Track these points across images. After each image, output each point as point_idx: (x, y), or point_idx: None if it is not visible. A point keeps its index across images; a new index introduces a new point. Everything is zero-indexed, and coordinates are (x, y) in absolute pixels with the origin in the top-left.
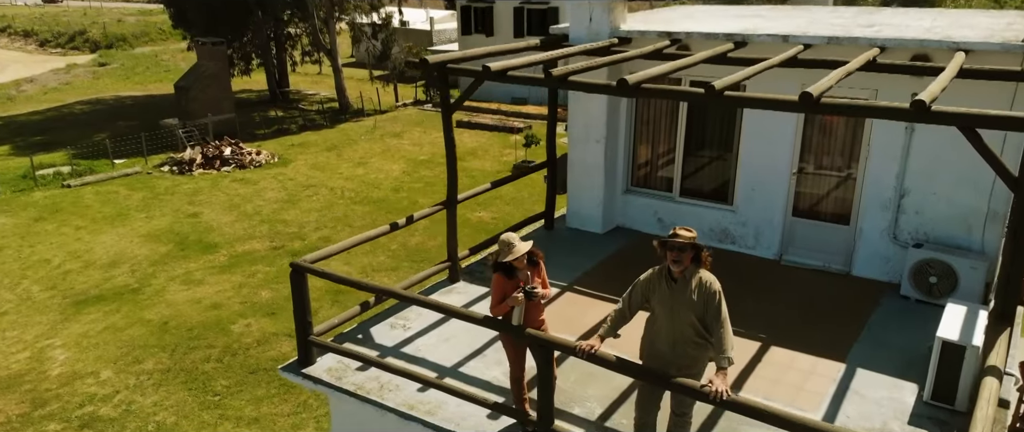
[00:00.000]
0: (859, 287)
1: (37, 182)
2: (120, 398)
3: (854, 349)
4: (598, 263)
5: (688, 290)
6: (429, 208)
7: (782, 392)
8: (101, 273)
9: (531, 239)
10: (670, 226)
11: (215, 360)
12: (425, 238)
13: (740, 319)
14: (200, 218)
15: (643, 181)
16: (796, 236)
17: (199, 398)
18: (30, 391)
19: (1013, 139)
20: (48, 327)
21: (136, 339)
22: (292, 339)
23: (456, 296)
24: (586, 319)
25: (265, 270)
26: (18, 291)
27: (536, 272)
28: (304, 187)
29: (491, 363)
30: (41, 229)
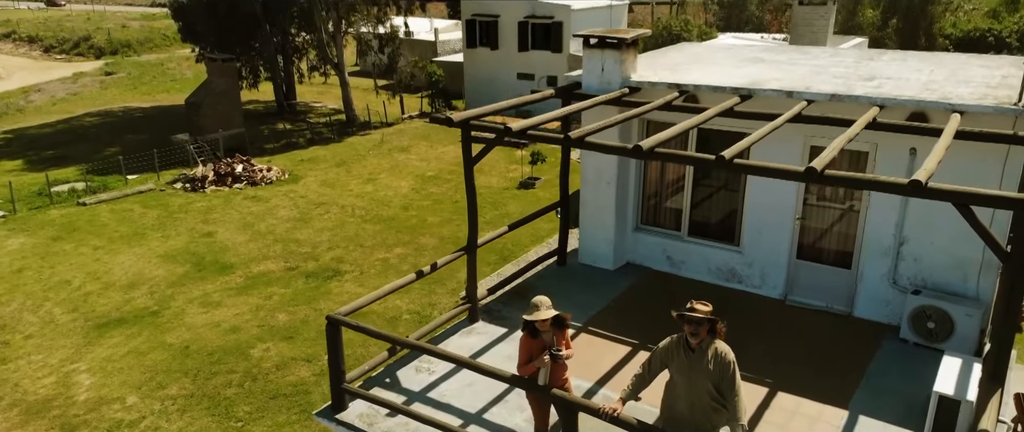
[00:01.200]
0: (860, 329)
1: (53, 199)
2: (146, 424)
3: (856, 395)
4: (610, 302)
5: (705, 360)
6: (451, 255)
7: None
8: (121, 295)
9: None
10: (679, 264)
11: (236, 385)
12: (435, 259)
13: (749, 363)
14: (215, 237)
15: (652, 220)
16: (800, 278)
17: (222, 424)
18: (59, 417)
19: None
20: (72, 351)
21: (159, 364)
22: (310, 364)
23: (476, 337)
24: (602, 362)
25: (281, 292)
26: (41, 314)
27: (561, 334)
28: (315, 205)
29: (514, 409)
30: (60, 249)
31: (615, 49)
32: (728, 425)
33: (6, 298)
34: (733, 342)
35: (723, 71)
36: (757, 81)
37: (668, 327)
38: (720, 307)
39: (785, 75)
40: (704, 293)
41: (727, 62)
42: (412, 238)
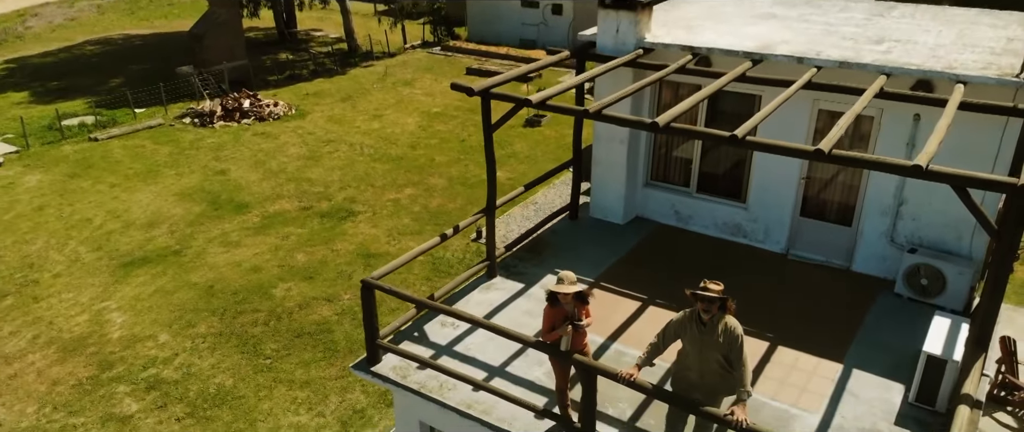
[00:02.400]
0: (857, 283)
1: (63, 134)
2: (180, 361)
3: (851, 350)
4: (620, 258)
5: (715, 333)
6: (471, 217)
7: (787, 394)
8: (142, 234)
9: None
10: (687, 219)
11: (262, 324)
12: (445, 200)
13: (751, 318)
14: (228, 176)
15: (662, 176)
16: (802, 234)
17: (252, 361)
18: (95, 354)
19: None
20: (101, 289)
21: (186, 303)
22: (331, 303)
23: (495, 293)
24: (614, 317)
25: (297, 232)
26: (66, 252)
27: (582, 306)
28: (324, 142)
29: (533, 363)
30: (77, 187)
31: (630, 10)
32: (735, 392)
33: (30, 236)
34: (736, 294)
35: (735, 30)
36: (768, 44)
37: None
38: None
39: (796, 37)
40: (709, 246)
41: (740, 18)
42: (421, 178)
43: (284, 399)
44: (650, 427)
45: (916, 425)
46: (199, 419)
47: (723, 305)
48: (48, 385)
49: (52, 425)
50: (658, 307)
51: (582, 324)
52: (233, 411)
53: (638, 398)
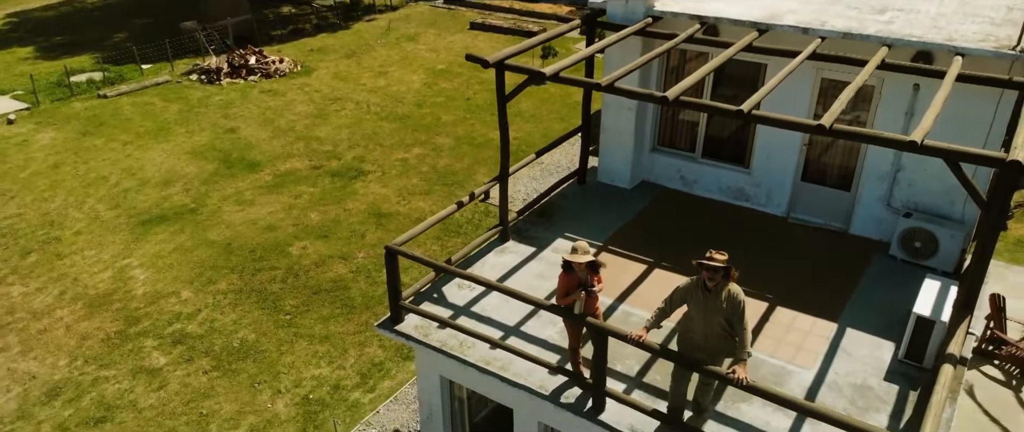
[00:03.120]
0: (854, 245)
1: (73, 91)
2: (203, 316)
3: (846, 310)
4: (627, 222)
5: (719, 299)
6: (486, 184)
7: (785, 351)
8: (157, 192)
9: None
10: (692, 183)
11: (280, 281)
12: (452, 161)
13: (751, 279)
14: (238, 134)
15: (668, 142)
16: (803, 198)
17: (272, 317)
18: (121, 310)
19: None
20: (122, 247)
21: (205, 260)
22: (346, 261)
23: (508, 256)
24: (622, 280)
25: (309, 191)
26: (85, 210)
27: (595, 274)
28: (331, 100)
29: (546, 323)
30: (90, 144)
31: None
32: (734, 353)
33: (49, 194)
34: (737, 256)
35: None
36: (775, 13)
37: (681, 246)
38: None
39: (802, 5)
40: (713, 210)
41: None
42: (428, 138)
43: (305, 353)
44: (656, 382)
45: (904, 381)
46: (225, 372)
47: (727, 273)
48: (77, 339)
49: (85, 377)
50: (663, 270)
51: (594, 290)
52: (257, 364)
53: (644, 356)
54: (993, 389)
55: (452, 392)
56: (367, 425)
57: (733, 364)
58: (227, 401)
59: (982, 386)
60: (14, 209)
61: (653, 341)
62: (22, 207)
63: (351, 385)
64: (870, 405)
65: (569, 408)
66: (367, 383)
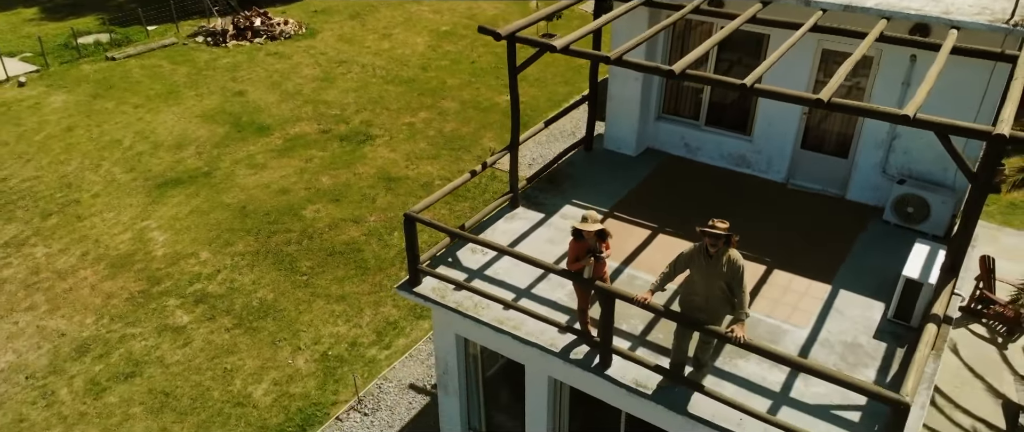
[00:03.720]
0: (850, 210)
1: (80, 52)
2: (222, 277)
3: (840, 272)
4: (633, 189)
5: (720, 264)
6: (499, 153)
7: (781, 311)
8: (171, 155)
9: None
10: (695, 150)
11: (295, 243)
12: (458, 125)
13: (751, 243)
14: (247, 97)
15: (673, 110)
16: (802, 165)
17: (289, 278)
18: (143, 270)
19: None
20: (139, 209)
21: (222, 222)
22: (358, 224)
23: (519, 222)
24: (627, 244)
25: (320, 155)
26: (101, 173)
27: (603, 241)
28: (337, 63)
29: (556, 286)
30: (102, 107)
31: None
32: (733, 314)
33: (64, 157)
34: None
35: None
36: None
37: (683, 213)
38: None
39: None
40: (715, 176)
41: None
42: (434, 102)
43: (323, 312)
44: (659, 340)
45: (892, 339)
46: (246, 330)
47: (728, 240)
48: (103, 298)
49: (112, 335)
50: (667, 235)
51: (603, 256)
52: (277, 323)
53: (649, 316)
54: (979, 346)
55: (466, 349)
56: (384, 380)
57: (732, 323)
58: (250, 357)
59: (969, 343)
60: (32, 172)
61: (657, 303)
62: (39, 170)
63: (367, 342)
64: (859, 361)
65: (578, 364)
66: (383, 340)
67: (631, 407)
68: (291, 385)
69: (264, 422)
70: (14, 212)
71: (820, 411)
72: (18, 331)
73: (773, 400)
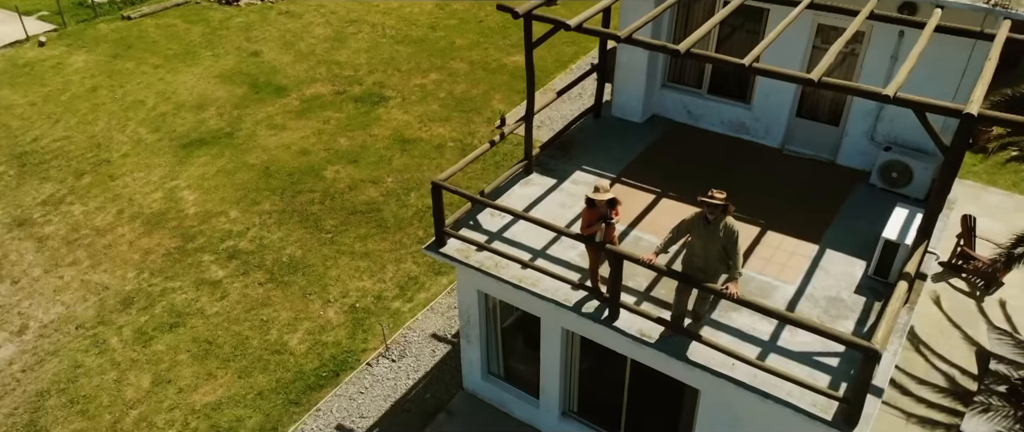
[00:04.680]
0: (840, 174)
1: (96, 12)
2: (252, 234)
3: (827, 233)
4: (639, 155)
5: (717, 230)
6: (513, 124)
7: (772, 269)
8: (193, 116)
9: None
10: (697, 117)
11: (318, 202)
12: (468, 86)
13: (746, 206)
14: (262, 58)
15: (677, 78)
16: (797, 132)
17: (315, 235)
18: (177, 227)
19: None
20: (168, 169)
21: (247, 182)
22: (376, 185)
23: (533, 187)
24: (633, 208)
25: (336, 117)
26: (128, 133)
27: (613, 209)
28: (347, 23)
29: (568, 247)
30: (122, 67)
31: None
32: (728, 273)
33: (91, 117)
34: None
35: None
36: None
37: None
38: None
39: None
40: (716, 142)
41: None
42: (444, 63)
43: (348, 268)
44: (661, 296)
45: (871, 294)
46: (278, 284)
47: (725, 209)
48: (141, 254)
49: (153, 288)
50: (670, 199)
51: (613, 222)
52: (306, 277)
53: (652, 275)
54: (959, 299)
55: (487, 303)
56: (409, 330)
57: (727, 282)
58: (283, 309)
59: (949, 296)
60: (61, 132)
61: (660, 264)
62: (68, 130)
63: (391, 296)
64: (840, 314)
65: (589, 316)
66: (405, 294)
67: (636, 354)
68: (323, 334)
69: (301, 368)
70: (49, 171)
71: (804, 357)
72: (64, 285)
73: (762, 348)
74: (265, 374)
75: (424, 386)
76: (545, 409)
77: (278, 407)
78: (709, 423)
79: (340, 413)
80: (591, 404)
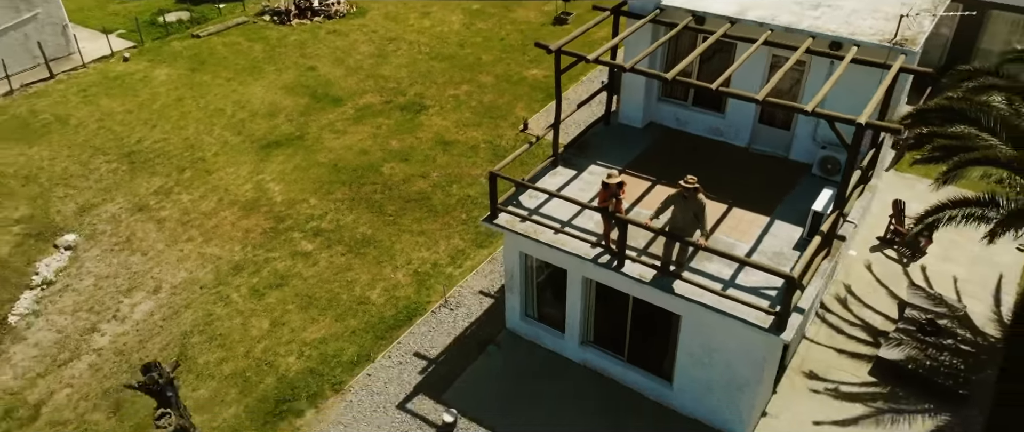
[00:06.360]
0: (790, 167)
1: (168, 30)
2: (330, 217)
3: (777, 209)
4: (639, 153)
5: (692, 203)
6: (543, 130)
7: (735, 233)
8: (267, 122)
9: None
10: (685, 123)
11: (380, 192)
12: (495, 96)
13: (719, 190)
14: (318, 72)
15: (669, 94)
16: (760, 134)
17: (379, 217)
18: (269, 212)
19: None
20: (253, 166)
21: (320, 176)
22: (425, 178)
23: (559, 177)
24: (634, 192)
25: (387, 123)
26: (215, 136)
27: (621, 189)
28: (387, 41)
29: (586, 218)
30: (201, 80)
31: None
32: (701, 232)
33: (182, 123)
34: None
35: None
36: (743, 9)
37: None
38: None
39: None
40: (698, 142)
41: None
42: (473, 76)
43: (409, 242)
44: (654, 250)
45: (802, 247)
46: (356, 254)
47: (696, 190)
48: (243, 232)
49: (257, 258)
50: (662, 185)
51: (620, 198)
52: (377, 249)
53: (648, 235)
54: (889, 265)
55: (526, 262)
56: (460, 288)
57: (698, 237)
58: (362, 273)
59: (881, 264)
60: (160, 135)
61: (655, 227)
62: (165, 133)
63: (445, 263)
64: (781, 262)
65: (603, 266)
66: (455, 262)
67: (636, 292)
68: (396, 291)
69: (381, 315)
70: (155, 167)
71: (752, 290)
72: (184, 256)
73: (724, 285)
74: (355, 319)
75: (476, 327)
76: (569, 340)
77: (368, 341)
78: (688, 340)
79: (415, 345)
80: (603, 334)
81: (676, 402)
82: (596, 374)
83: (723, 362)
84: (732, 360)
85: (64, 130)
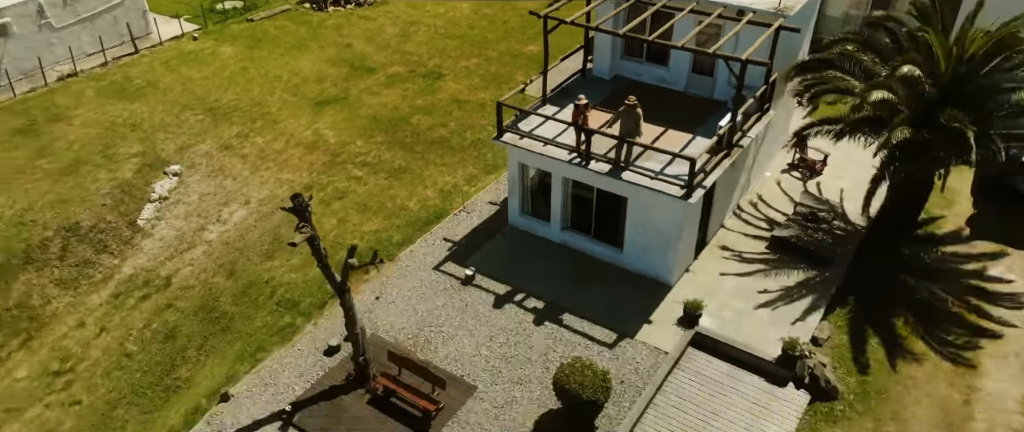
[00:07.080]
0: (714, 103)
1: (226, 16)
2: (373, 154)
3: (698, 129)
4: (605, 97)
5: (632, 115)
6: (532, 77)
7: (667, 145)
8: (316, 86)
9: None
10: (640, 75)
11: (410, 137)
12: (499, 67)
13: (661, 119)
14: (354, 49)
15: (629, 53)
16: (693, 81)
17: (411, 154)
18: (326, 150)
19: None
20: (309, 118)
21: (363, 126)
22: (445, 127)
23: (549, 109)
24: (598, 121)
25: (412, 86)
26: (276, 97)
27: (588, 108)
28: (409, 24)
29: (567, 135)
30: (259, 55)
31: None
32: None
33: (248, 87)
34: (656, 108)
35: None
36: None
37: None
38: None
39: None
40: (649, 88)
41: None
42: (480, 51)
43: (435, 171)
44: (610, 154)
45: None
46: (396, 178)
47: (635, 106)
48: (307, 165)
49: (322, 180)
50: None
51: (586, 115)
52: (411, 176)
53: (607, 143)
54: (794, 183)
55: (524, 171)
56: (475, 200)
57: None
58: (401, 191)
59: (788, 182)
60: (232, 95)
61: (612, 134)
62: (236, 95)
63: (462, 184)
64: None
65: (576, 165)
66: (470, 183)
67: (598, 183)
68: (427, 202)
69: (417, 216)
70: (232, 119)
71: (674, 177)
72: (265, 180)
73: (655, 175)
74: (398, 219)
75: (486, 223)
76: (553, 227)
77: (410, 232)
78: (632, 215)
79: (443, 233)
80: (576, 220)
81: (625, 262)
82: (572, 250)
83: (655, 228)
84: (661, 226)
85: (155, 92)
